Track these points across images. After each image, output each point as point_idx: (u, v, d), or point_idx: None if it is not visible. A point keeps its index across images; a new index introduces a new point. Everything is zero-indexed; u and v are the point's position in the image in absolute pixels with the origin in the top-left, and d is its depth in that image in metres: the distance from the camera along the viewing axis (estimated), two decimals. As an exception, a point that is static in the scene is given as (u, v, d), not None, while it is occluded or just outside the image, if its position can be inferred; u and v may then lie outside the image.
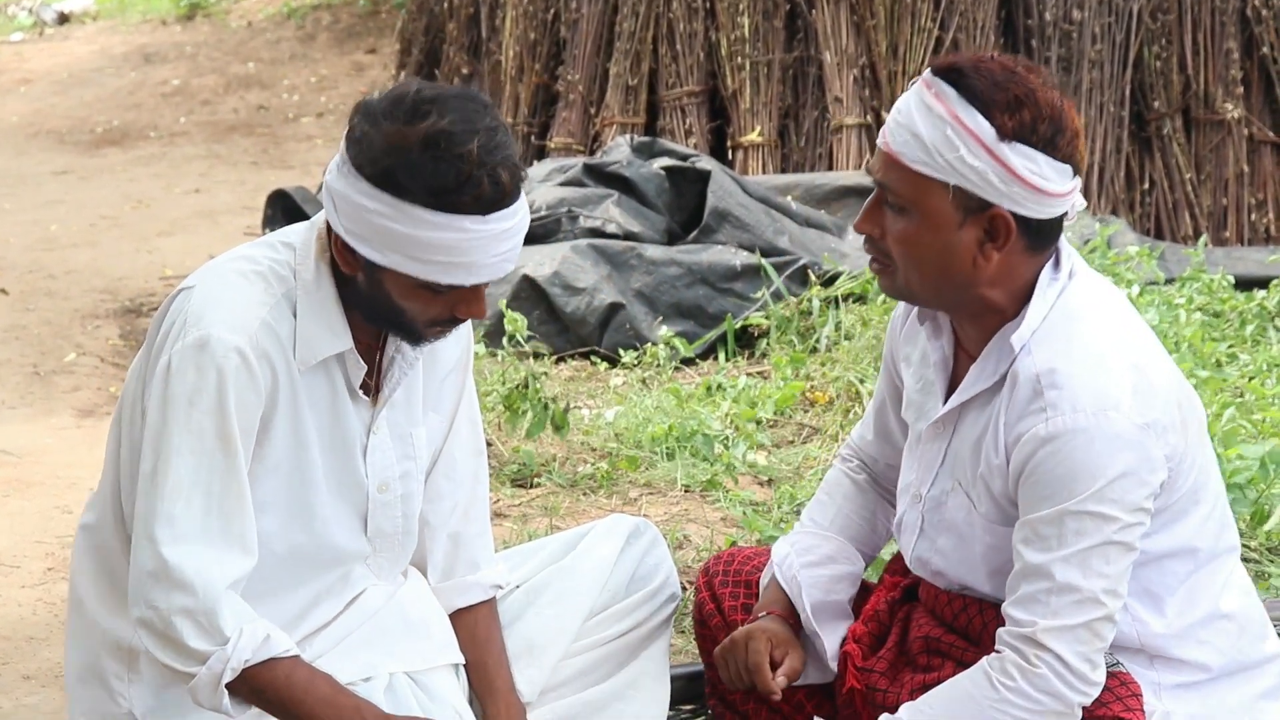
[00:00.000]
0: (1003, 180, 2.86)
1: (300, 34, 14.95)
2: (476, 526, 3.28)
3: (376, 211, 2.86)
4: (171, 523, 2.89)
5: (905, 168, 2.90)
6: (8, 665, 4.44)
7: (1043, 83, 2.90)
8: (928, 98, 2.89)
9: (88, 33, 16.02)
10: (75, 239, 9.78)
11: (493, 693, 3.23)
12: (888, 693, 3.11)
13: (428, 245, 2.86)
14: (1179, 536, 2.97)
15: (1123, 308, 2.99)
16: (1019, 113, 2.86)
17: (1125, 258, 7.64)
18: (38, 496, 5.73)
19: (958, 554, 3.05)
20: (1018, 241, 2.91)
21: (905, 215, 2.92)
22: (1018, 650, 2.88)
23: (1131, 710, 2.92)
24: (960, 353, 3.06)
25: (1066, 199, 2.92)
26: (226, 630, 2.88)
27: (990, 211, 2.89)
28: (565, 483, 5.55)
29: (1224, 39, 9.08)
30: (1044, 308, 2.93)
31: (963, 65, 2.90)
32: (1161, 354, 2.98)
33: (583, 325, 7.27)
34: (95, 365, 7.43)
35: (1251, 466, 5.04)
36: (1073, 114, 2.91)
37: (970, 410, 3.01)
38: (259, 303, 2.96)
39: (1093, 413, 2.84)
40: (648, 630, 3.38)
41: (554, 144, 9.25)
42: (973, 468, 2.99)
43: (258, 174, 11.52)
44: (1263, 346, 6.76)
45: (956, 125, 2.86)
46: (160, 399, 2.92)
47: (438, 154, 2.84)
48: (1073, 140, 2.90)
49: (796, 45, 9.05)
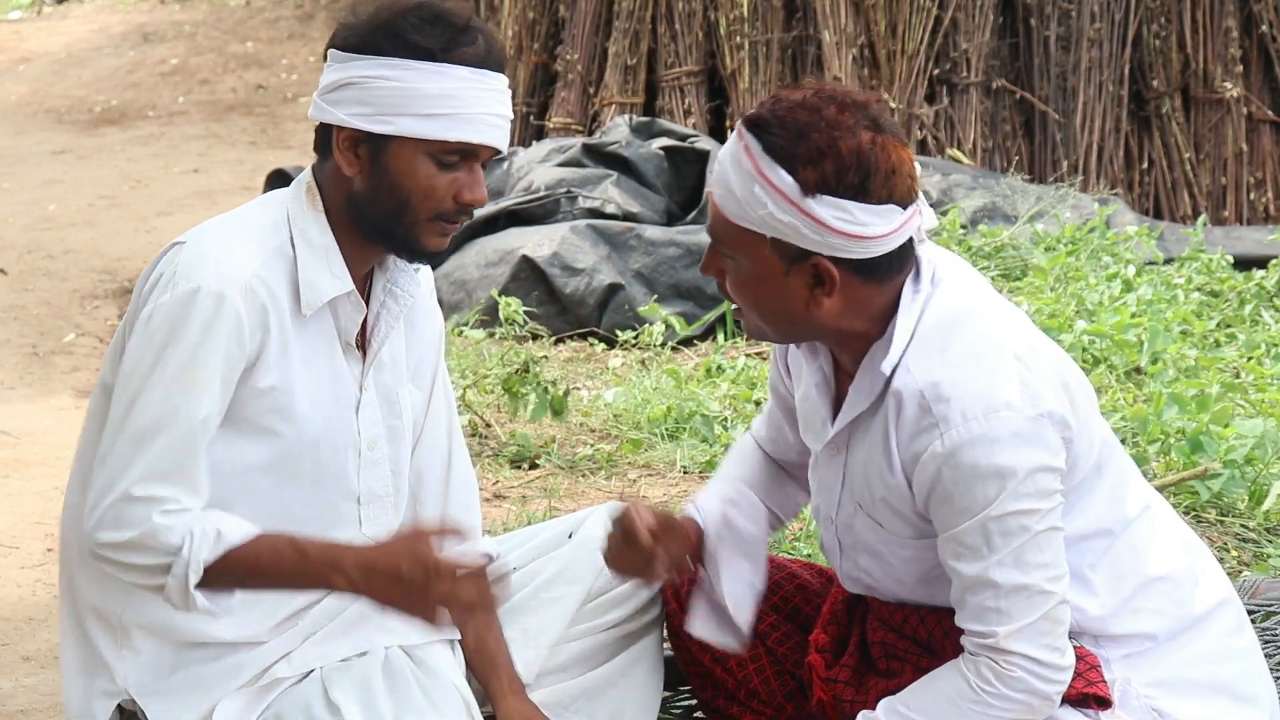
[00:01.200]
0: (815, 232, 2.82)
1: (299, 13, 14.92)
2: (459, 499, 3.29)
3: (379, 78, 2.95)
4: (126, 463, 2.90)
5: (726, 219, 2.88)
6: (7, 646, 4.44)
7: (853, 123, 2.82)
8: (738, 152, 2.86)
9: (86, 12, 15.99)
10: (74, 219, 9.77)
11: (495, 669, 3.23)
12: (854, 702, 3.11)
13: (431, 98, 2.94)
14: (1091, 513, 2.96)
15: (991, 301, 2.95)
16: (820, 165, 2.80)
17: (1124, 237, 7.64)
18: (37, 477, 5.74)
19: (880, 570, 3.05)
20: (850, 281, 2.87)
21: (735, 262, 2.90)
22: (988, 658, 2.88)
23: (1093, 683, 2.93)
24: (841, 372, 3.03)
25: (894, 235, 2.85)
26: (173, 541, 2.88)
27: (811, 260, 2.85)
28: (564, 464, 5.55)
29: (1223, 17, 9.08)
30: (910, 324, 2.89)
31: (766, 118, 2.84)
32: (1039, 338, 2.94)
33: (581, 306, 7.27)
34: (94, 345, 7.44)
35: (1248, 445, 5.04)
36: (889, 150, 2.83)
37: (857, 430, 2.98)
38: (252, 256, 2.98)
39: (984, 417, 2.82)
40: (644, 618, 3.38)
41: (552, 124, 9.24)
42: (871, 489, 2.97)
43: (256, 154, 11.51)
44: (1261, 326, 6.76)
45: (762, 181, 2.82)
46: (141, 344, 2.93)
47: (428, 13, 2.96)
48: (889, 180, 2.82)
49: (795, 24, 9.04)
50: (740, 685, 3.33)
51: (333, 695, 3.01)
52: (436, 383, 3.26)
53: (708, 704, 3.38)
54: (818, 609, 3.30)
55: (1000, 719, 2.89)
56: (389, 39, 2.95)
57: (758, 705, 3.33)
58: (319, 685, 3.04)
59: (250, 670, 3.06)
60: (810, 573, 3.38)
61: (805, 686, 3.25)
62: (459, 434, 3.32)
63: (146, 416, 2.91)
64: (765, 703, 3.32)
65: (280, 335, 2.99)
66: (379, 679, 3.05)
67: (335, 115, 2.98)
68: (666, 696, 3.52)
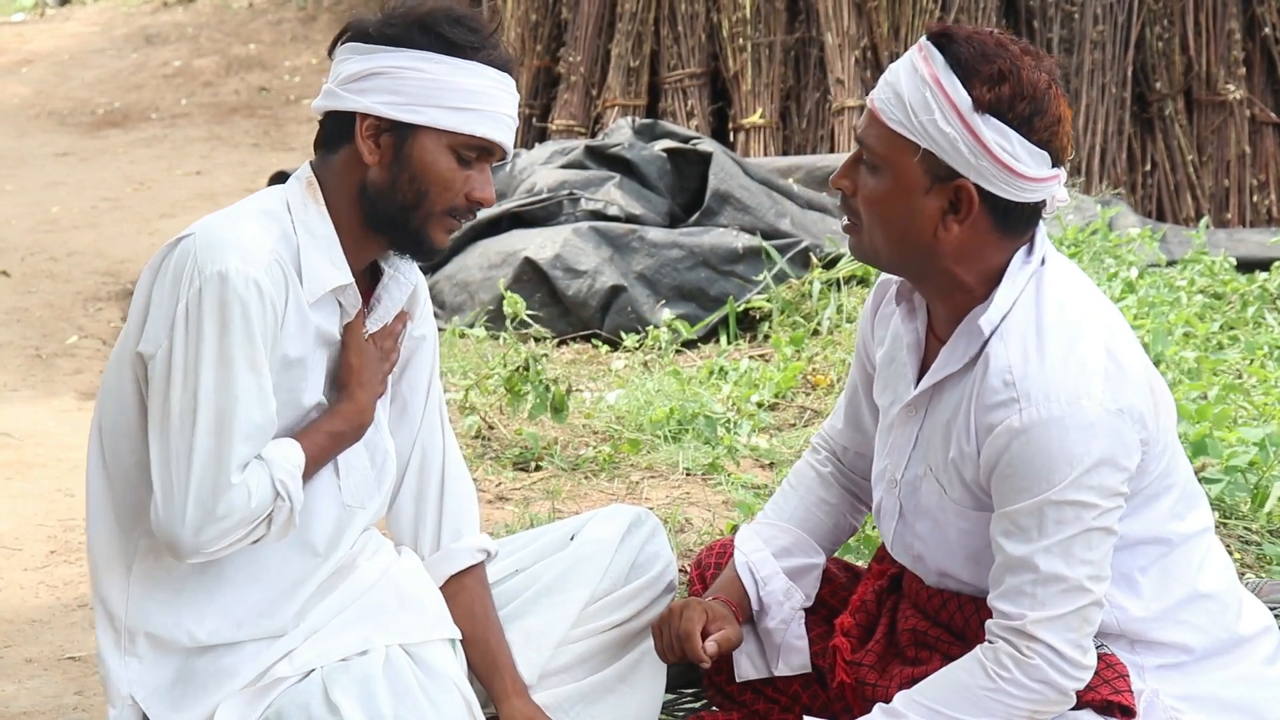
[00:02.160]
0: (972, 151, 2.85)
1: (302, 15, 14.93)
2: (456, 495, 3.33)
3: (411, 68, 3.04)
4: (217, 457, 2.95)
5: (883, 125, 2.91)
6: (10, 648, 4.44)
7: (1035, 64, 2.88)
8: (917, 59, 2.90)
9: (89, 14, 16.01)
10: (77, 221, 9.78)
11: (497, 669, 3.25)
12: (877, 686, 3.12)
13: (463, 91, 3.03)
14: (1152, 520, 2.97)
15: (1093, 293, 2.98)
16: (999, 86, 2.85)
17: (1127, 239, 7.63)
18: (40, 479, 5.74)
19: (934, 539, 3.06)
20: (983, 219, 2.90)
21: (877, 174, 2.92)
22: (1010, 642, 2.89)
23: (1120, 692, 2.93)
24: (931, 337, 3.05)
25: (1041, 185, 2.89)
26: (267, 498, 2.99)
27: (956, 182, 2.88)
28: (567, 466, 5.55)
29: (1226, 20, 9.08)
30: (1013, 291, 2.92)
31: (955, 32, 2.90)
32: (1132, 339, 2.96)
33: (584, 308, 7.27)
34: (97, 348, 7.44)
35: (1251, 449, 5.04)
36: (1059, 101, 2.89)
37: (941, 393, 3.00)
38: (264, 235, 3.03)
39: (1066, 401, 2.83)
40: (645, 620, 3.39)
41: (555, 126, 9.25)
42: (943, 452, 2.99)
43: (259, 156, 11.51)
44: (1264, 328, 6.75)
45: (936, 89, 2.86)
46: (183, 339, 2.96)
47: (455, 18, 3.08)
48: (1053, 126, 2.88)
49: (798, 27, 9.04)
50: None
51: (333, 695, 3.02)
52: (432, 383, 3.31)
53: (720, 688, 3.37)
54: (843, 602, 3.31)
55: (1014, 709, 2.89)
56: (424, 33, 3.05)
57: (772, 693, 3.33)
58: (319, 684, 3.05)
59: (251, 670, 3.07)
60: (837, 567, 3.39)
61: (825, 674, 3.25)
62: (450, 432, 3.37)
63: (216, 407, 2.95)
64: (781, 690, 3.31)
65: (297, 310, 3.04)
66: (379, 678, 3.05)
67: (360, 103, 3.05)
68: (669, 699, 3.52)
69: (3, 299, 8.14)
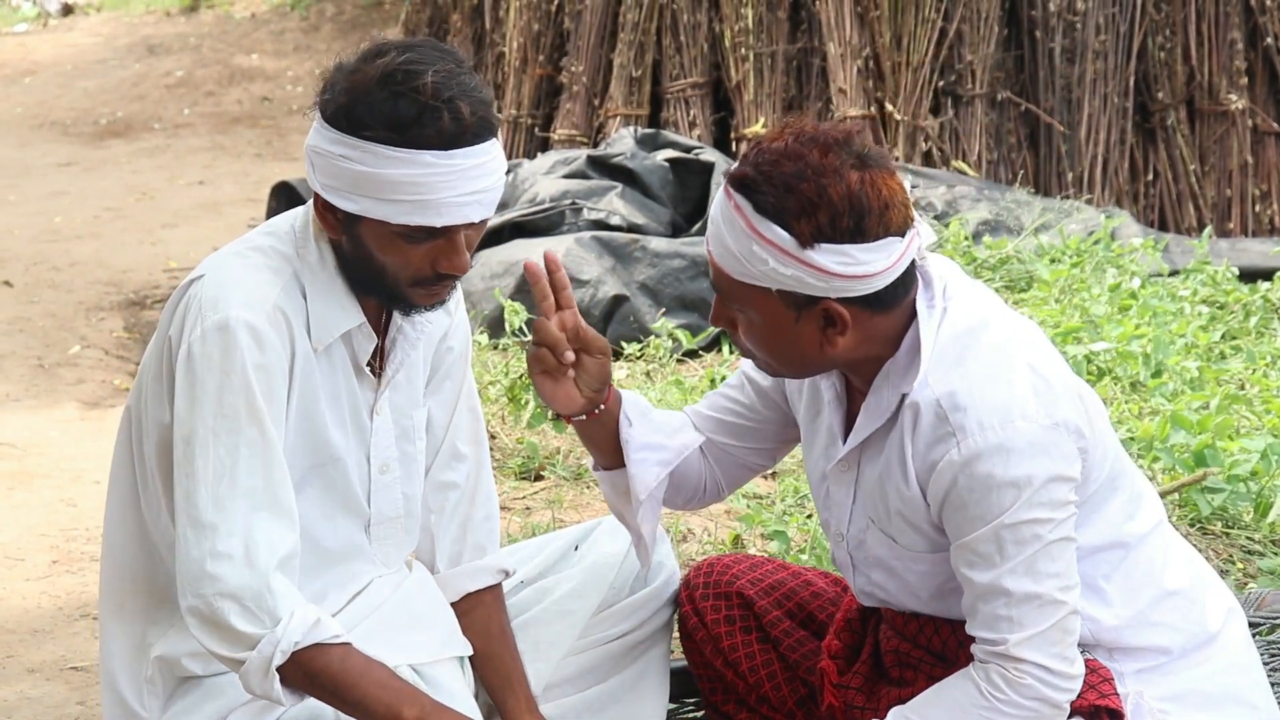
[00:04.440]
0: (819, 280, 2.83)
1: (304, 25, 14.95)
2: (482, 512, 3.29)
3: (343, 156, 2.87)
4: (214, 506, 2.87)
5: (730, 276, 2.89)
6: (12, 659, 4.44)
7: (839, 165, 2.81)
8: (730, 212, 2.86)
9: (91, 24, 16.02)
10: (79, 231, 9.78)
11: (511, 688, 3.24)
12: (865, 709, 3.12)
13: (392, 184, 2.86)
14: (1105, 526, 2.98)
15: (1003, 312, 2.97)
16: (814, 217, 2.80)
17: (1129, 249, 7.63)
18: (42, 489, 5.74)
19: (894, 585, 3.06)
20: (861, 316, 2.88)
21: (744, 314, 2.91)
22: (998, 665, 2.89)
23: (1106, 695, 2.94)
24: (852, 389, 3.04)
25: (897, 265, 2.85)
26: (278, 612, 2.85)
27: (820, 305, 2.86)
28: (569, 475, 5.55)
29: (1228, 29, 9.08)
30: (932, 341, 2.89)
31: (752, 176, 2.83)
32: (1053, 351, 2.96)
33: (586, 318, 7.23)
34: (99, 358, 7.43)
35: (1253, 458, 5.04)
36: (878, 188, 2.82)
37: (870, 447, 2.99)
38: (269, 283, 2.96)
39: (1000, 425, 2.83)
40: (649, 631, 3.39)
41: (557, 136, 9.25)
42: (884, 505, 2.98)
43: (261, 166, 11.52)
44: (1266, 338, 6.75)
45: (759, 239, 2.82)
46: (187, 387, 2.91)
47: (395, 88, 2.84)
48: (883, 215, 2.82)
49: (800, 36, 9.04)
50: (751, 690, 3.34)
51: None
52: (462, 393, 3.25)
53: (717, 708, 3.38)
54: (831, 616, 3.30)
55: None
56: (349, 119, 2.87)
57: (768, 710, 3.34)
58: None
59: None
60: (825, 580, 3.39)
61: (816, 692, 3.25)
62: (485, 446, 3.31)
63: (222, 458, 2.89)
64: (775, 708, 3.32)
65: (304, 360, 2.99)
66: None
67: (312, 179, 2.95)
68: (672, 709, 3.52)
69: (5, 309, 8.14)
